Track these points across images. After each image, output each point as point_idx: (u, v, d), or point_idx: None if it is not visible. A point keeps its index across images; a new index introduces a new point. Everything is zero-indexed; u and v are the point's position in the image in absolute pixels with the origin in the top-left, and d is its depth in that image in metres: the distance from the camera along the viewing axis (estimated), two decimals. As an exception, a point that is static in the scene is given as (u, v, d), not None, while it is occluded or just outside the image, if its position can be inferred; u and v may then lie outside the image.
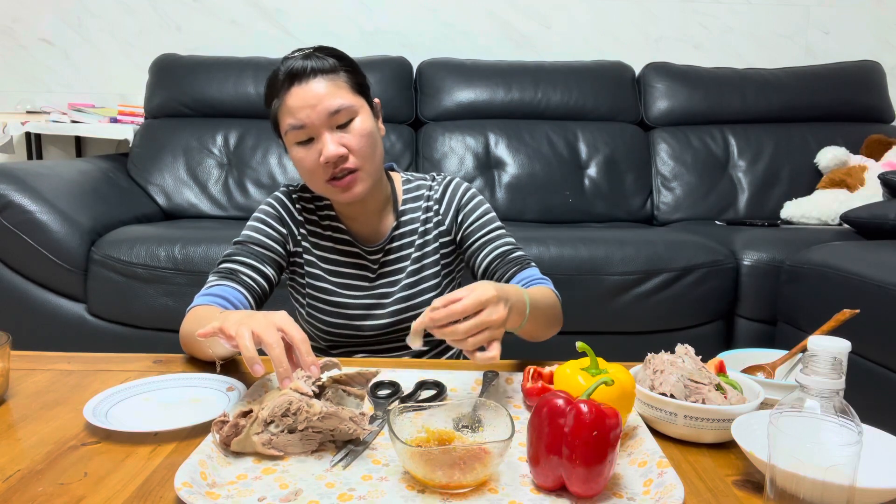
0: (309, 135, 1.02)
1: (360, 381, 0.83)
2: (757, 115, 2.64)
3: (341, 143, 1.01)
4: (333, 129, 1.02)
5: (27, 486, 0.66)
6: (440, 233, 1.17)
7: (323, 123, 1.01)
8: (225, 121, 2.56)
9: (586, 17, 2.90)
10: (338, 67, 1.04)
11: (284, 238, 1.13)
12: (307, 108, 1.00)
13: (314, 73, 1.01)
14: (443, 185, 1.19)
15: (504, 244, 1.13)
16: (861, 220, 1.96)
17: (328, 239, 1.15)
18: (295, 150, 1.04)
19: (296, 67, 1.02)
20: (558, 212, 2.46)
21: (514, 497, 0.65)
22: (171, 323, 1.81)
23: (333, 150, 1.00)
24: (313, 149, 1.02)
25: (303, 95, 1.00)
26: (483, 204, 1.17)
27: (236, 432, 0.72)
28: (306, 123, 1.00)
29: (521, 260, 1.11)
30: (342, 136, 1.02)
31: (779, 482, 0.57)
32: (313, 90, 1.01)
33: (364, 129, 1.03)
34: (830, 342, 0.68)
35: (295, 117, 1.01)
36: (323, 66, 1.02)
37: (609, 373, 0.74)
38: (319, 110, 1.00)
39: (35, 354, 1.05)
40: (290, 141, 1.04)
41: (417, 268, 1.15)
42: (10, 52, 2.88)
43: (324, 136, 1.01)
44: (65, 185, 2.00)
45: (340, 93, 1.02)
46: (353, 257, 1.15)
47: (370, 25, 2.87)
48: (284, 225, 1.14)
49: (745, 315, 1.91)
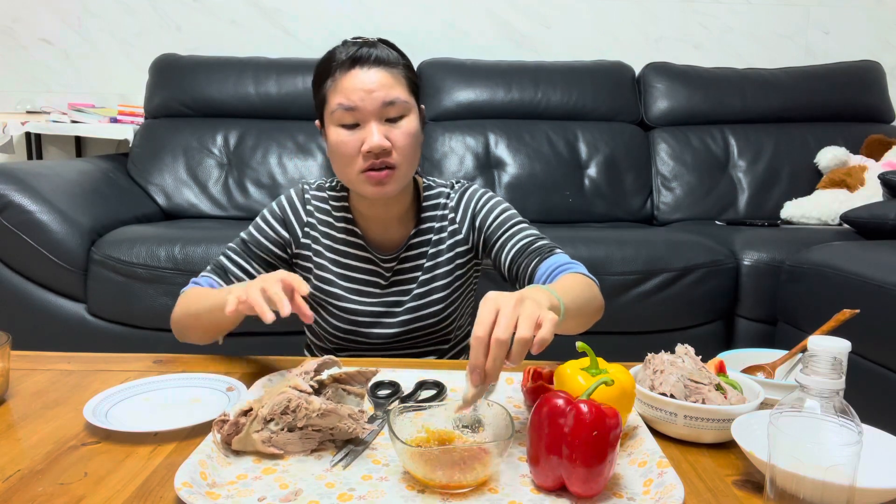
0: (356, 119, 1.00)
1: (360, 379, 0.83)
2: (757, 115, 2.64)
3: (387, 136, 1.00)
4: (382, 121, 1.00)
5: (27, 486, 0.66)
6: (456, 242, 1.13)
7: (374, 111, 0.99)
8: (225, 121, 2.56)
9: (586, 17, 2.90)
10: (399, 62, 1.03)
11: (285, 242, 1.12)
12: (362, 91, 0.98)
13: (377, 62, 1.00)
14: (458, 194, 1.15)
15: (525, 237, 1.08)
16: (861, 220, 1.96)
17: (342, 242, 1.12)
18: (336, 133, 1.01)
19: (360, 52, 1.00)
20: (558, 212, 2.46)
21: (514, 497, 0.65)
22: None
23: (378, 139, 0.98)
24: (356, 135, 1.00)
25: (361, 78, 0.99)
26: (499, 204, 1.14)
27: (237, 431, 0.72)
28: (358, 106, 0.98)
29: (543, 249, 1.05)
30: (389, 130, 1.00)
31: (779, 482, 0.57)
32: (373, 76, 0.99)
33: (411, 129, 1.02)
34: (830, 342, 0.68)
35: (347, 98, 0.99)
36: (388, 57, 1.01)
37: (609, 373, 0.74)
38: (375, 97, 0.98)
39: (35, 354, 1.05)
40: (335, 121, 1.01)
41: (428, 278, 1.13)
42: (10, 52, 2.88)
43: (371, 125, 0.99)
44: (65, 185, 2.00)
45: (398, 87, 1.01)
46: (366, 263, 1.12)
47: (370, 25, 2.87)
48: (287, 227, 1.12)
49: (745, 315, 1.91)
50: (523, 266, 1.05)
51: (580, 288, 0.93)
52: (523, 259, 1.05)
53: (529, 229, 1.10)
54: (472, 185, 1.17)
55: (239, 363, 1.03)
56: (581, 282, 0.95)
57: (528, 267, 1.04)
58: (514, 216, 1.12)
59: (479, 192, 1.15)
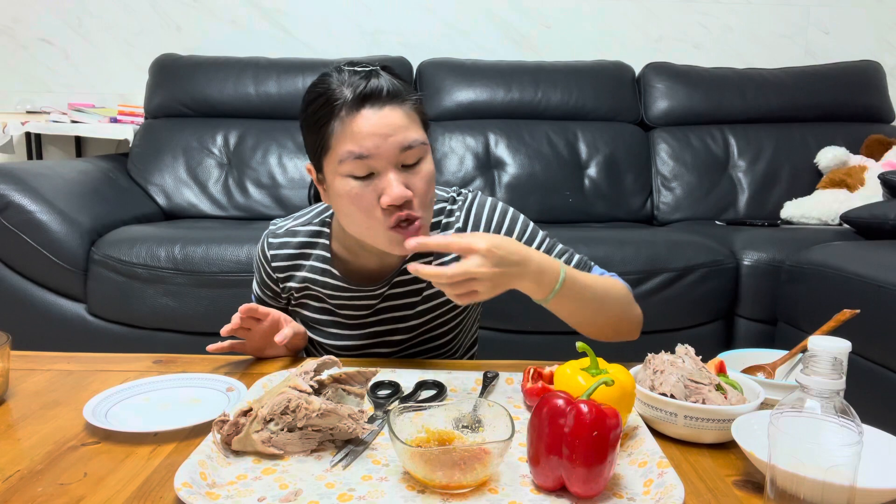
0: (370, 169, 0.87)
1: (360, 379, 0.83)
2: (757, 115, 2.64)
3: (406, 184, 0.88)
4: (399, 168, 0.88)
5: (27, 486, 0.66)
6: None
7: (391, 159, 0.87)
8: (225, 121, 2.56)
9: (586, 17, 2.90)
10: (410, 94, 0.91)
11: (275, 296, 1.12)
12: (378, 137, 0.86)
13: (390, 99, 0.87)
14: (464, 212, 1.04)
15: (558, 255, 1.02)
16: (861, 220, 1.96)
17: (319, 284, 1.06)
18: (347, 184, 0.88)
19: (370, 88, 0.86)
20: (558, 212, 2.46)
21: (514, 497, 0.65)
22: (171, 323, 1.81)
23: (399, 191, 0.86)
24: (371, 186, 0.87)
25: (375, 122, 0.86)
26: (517, 220, 1.04)
27: (237, 431, 0.72)
28: (373, 154, 0.86)
29: (580, 265, 1.02)
30: (408, 177, 0.88)
31: (779, 482, 0.57)
32: (388, 118, 0.86)
33: (430, 172, 0.91)
34: (830, 342, 0.68)
35: (360, 145, 0.86)
36: (398, 90, 0.88)
37: (609, 373, 0.74)
38: (392, 143, 0.86)
39: (35, 354, 1.05)
40: (344, 171, 0.88)
41: (429, 307, 1.06)
42: (10, 52, 2.88)
43: (388, 175, 0.87)
44: (65, 185, 2.00)
45: (414, 126, 0.89)
46: (347, 299, 1.06)
47: (370, 25, 2.87)
48: (268, 287, 1.11)
49: (745, 315, 1.90)
50: None
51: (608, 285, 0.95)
52: None
53: (557, 246, 1.04)
54: (477, 198, 1.06)
55: (239, 363, 1.03)
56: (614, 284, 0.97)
57: None
58: (537, 231, 1.05)
59: (488, 208, 1.05)
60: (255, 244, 1.80)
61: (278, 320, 1.01)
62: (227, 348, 1.00)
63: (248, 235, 1.85)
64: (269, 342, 1.03)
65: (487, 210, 1.04)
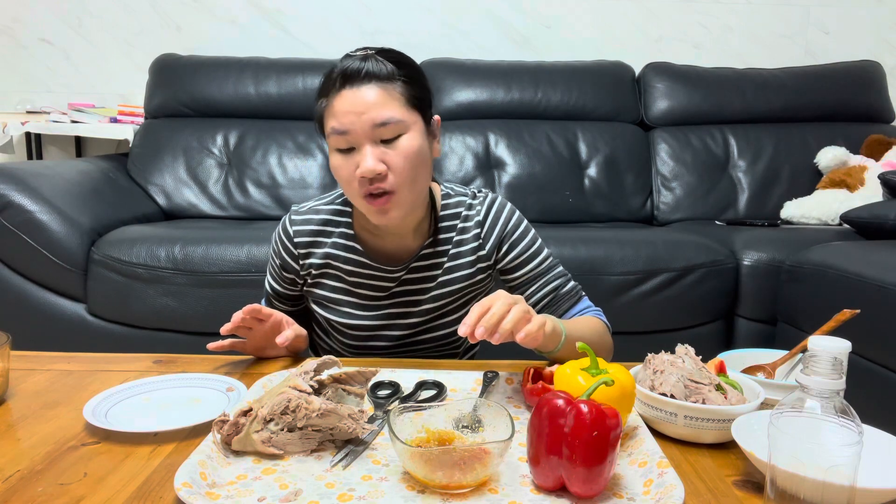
0: (350, 143, 0.94)
1: (360, 379, 0.83)
2: (757, 115, 2.64)
3: (382, 160, 0.94)
4: (377, 143, 0.94)
5: (27, 486, 0.66)
6: (479, 257, 1.10)
7: (366, 134, 0.93)
8: (225, 121, 2.56)
9: (586, 17, 2.90)
10: (395, 75, 0.95)
11: (293, 279, 1.13)
12: (352, 114, 0.93)
13: (368, 78, 0.94)
14: (485, 206, 1.10)
15: (555, 277, 1.10)
16: (861, 220, 1.96)
17: (342, 260, 1.09)
18: (334, 157, 0.98)
19: (351, 68, 0.94)
20: (558, 212, 2.46)
21: (514, 497, 0.65)
22: (171, 323, 1.81)
23: (371, 165, 0.92)
24: (352, 159, 0.95)
25: (351, 100, 0.93)
26: (529, 231, 1.11)
27: (237, 431, 0.72)
28: (349, 130, 0.93)
29: (572, 293, 1.11)
30: (385, 152, 0.94)
31: (779, 482, 0.57)
32: (363, 96, 0.93)
33: (410, 148, 0.95)
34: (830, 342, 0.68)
35: (339, 121, 0.94)
36: (379, 70, 0.94)
37: (609, 373, 0.74)
38: (365, 119, 0.93)
39: (35, 354, 1.05)
40: (331, 146, 0.97)
41: (443, 292, 1.09)
42: (10, 52, 2.88)
43: (364, 149, 0.93)
44: (65, 185, 2.00)
45: (392, 104, 0.94)
46: (367, 278, 1.09)
47: (370, 25, 2.87)
48: (286, 266, 1.12)
49: (745, 315, 1.90)
50: (553, 309, 1.09)
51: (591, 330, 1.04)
52: (554, 303, 1.10)
53: (556, 266, 1.12)
54: (498, 199, 1.12)
55: (239, 363, 1.03)
56: (595, 325, 1.06)
57: (558, 312, 1.09)
58: (542, 248, 1.12)
59: (507, 210, 1.11)
60: (255, 244, 1.80)
61: (280, 322, 1.02)
62: (227, 347, 1.01)
63: (248, 235, 1.85)
64: (269, 342, 1.03)
65: (507, 212, 1.11)
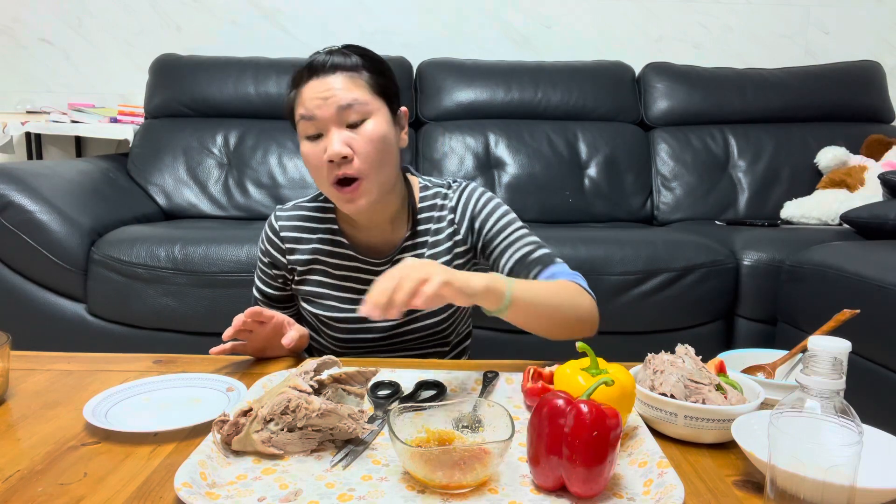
0: (318, 129, 0.99)
1: (360, 379, 0.83)
2: (757, 115, 2.64)
3: (348, 143, 0.97)
4: (342, 127, 0.98)
5: (27, 486, 0.66)
6: (456, 242, 1.11)
7: (332, 118, 0.97)
8: (225, 121, 2.56)
9: (586, 17, 2.90)
10: (360, 66, 1.01)
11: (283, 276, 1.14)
12: (318, 99, 0.97)
13: (334, 69, 0.99)
14: (458, 193, 1.13)
15: (524, 244, 1.06)
16: (861, 220, 1.96)
17: (328, 254, 1.11)
18: (303, 145, 1.01)
19: (317, 61, 1.00)
20: (558, 212, 2.46)
21: (514, 497, 0.65)
22: (171, 323, 1.81)
23: (337, 147, 0.96)
24: (320, 145, 0.99)
25: (317, 87, 0.98)
26: (499, 207, 1.11)
27: (237, 431, 0.72)
28: (316, 115, 0.97)
29: (543, 259, 1.05)
30: (351, 137, 0.98)
31: (779, 482, 0.57)
32: (329, 83, 0.98)
33: (376, 132, 0.98)
34: (830, 342, 0.68)
35: (306, 108, 0.98)
36: (345, 62, 1.00)
37: (609, 373, 0.74)
38: (330, 103, 0.97)
39: (35, 354, 1.05)
40: (301, 133, 1.01)
41: None
42: (10, 52, 2.88)
43: (331, 133, 0.98)
44: (65, 185, 2.00)
45: (356, 90, 0.98)
46: (354, 271, 1.11)
47: (370, 25, 2.87)
48: (275, 262, 1.13)
49: (745, 315, 1.90)
50: (522, 276, 1.04)
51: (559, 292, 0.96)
52: (523, 269, 1.04)
53: (529, 237, 1.08)
54: (472, 184, 1.14)
55: (239, 363, 1.03)
56: (564, 287, 0.98)
57: (527, 277, 1.04)
58: (513, 220, 1.10)
59: (479, 192, 1.13)
60: (255, 244, 1.80)
61: (282, 323, 1.02)
62: (228, 350, 1.02)
63: (248, 235, 1.85)
64: (270, 344, 1.04)
65: (476, 196, 1.12)
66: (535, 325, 0.95)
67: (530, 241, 1.08)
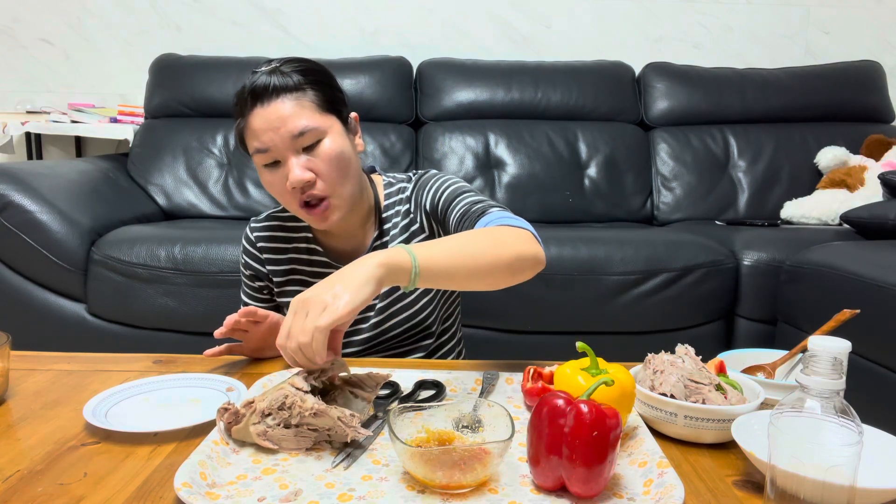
0: (274, 158, 0.98)
1: (371, 383, 0.82)
2: (757, 115, 2.64)
3: (308, 168, 0.97)
4: (299, 153, 0.97)
5: (27, 486, 0.66)
6: (413, 232, 1.11)
7: (287, 147, 0.96)
8: (225, 121, 2.56)
9: (586, 17, 2.90)
10: (303, 84, 0.98)
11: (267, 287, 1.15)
12: (270, 130, 0.96)
13: (276, 93, 0.97)
14: (413, 182, 1.12)
15: (464, 201, 1.01)
16: (861, 220, 1.96)
17: (305, 262, 1.12)
18: (263, 174, 1.00)
19: (258, 85, 0.97)
20: (558, 212, 2.46)
21: (514, 497, 0.65)
22: (171, 323, 1.81)
23: (298, 174, 0.96)
24: (280, 172, 0.98)
25: (266, 117, 0.96)
26: (439, 178, 1.08)
27: (236, 420, 0.72)
28: (270, 147, 0.96)
29: (482, 209, 0.98)
30: (309, 160, 0.97)
31: (779, 482, 0.57)
32: (276, 111, 0.96)
33: (332, 151, 0.98)
34: (830, 342, 0.68)
35: (259, 140, 0.97)
36: (286, 83, 0.97)
37: (609, 373, 0.74)
38: (283, 133, 0.95)
39: (35, 354, 1.05)
40: (257, 163, 1.00)
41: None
42: (10, 52, 2.88)
43: (289, 161, 0.97)
44: (65, 185, 2.00)
45: (305, 113, 0.97)
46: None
47: (370, 25, 2.87)
48: (257, 273, 1.14)
49: (745, 315, 1.91)
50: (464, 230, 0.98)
51: (477, 236, 0.87)
52: (466, 225, 0.99)
53: (471, 196, 1.02)
54: (427, 172, 1.12)
55: (238, 363, 1.03)
56: (486, 232, 0.89)
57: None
58: (454, 183, 1.06)
59: (427, 176, 1.11)
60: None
61: (277, 322, 1.02)
62: (224, 351, 1.02)
63: (248, 235, 1.85)
64: (267, 343, 1.04)
65: (425, 179, 1.11)
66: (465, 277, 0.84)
67: (471, 199, 1.01)
